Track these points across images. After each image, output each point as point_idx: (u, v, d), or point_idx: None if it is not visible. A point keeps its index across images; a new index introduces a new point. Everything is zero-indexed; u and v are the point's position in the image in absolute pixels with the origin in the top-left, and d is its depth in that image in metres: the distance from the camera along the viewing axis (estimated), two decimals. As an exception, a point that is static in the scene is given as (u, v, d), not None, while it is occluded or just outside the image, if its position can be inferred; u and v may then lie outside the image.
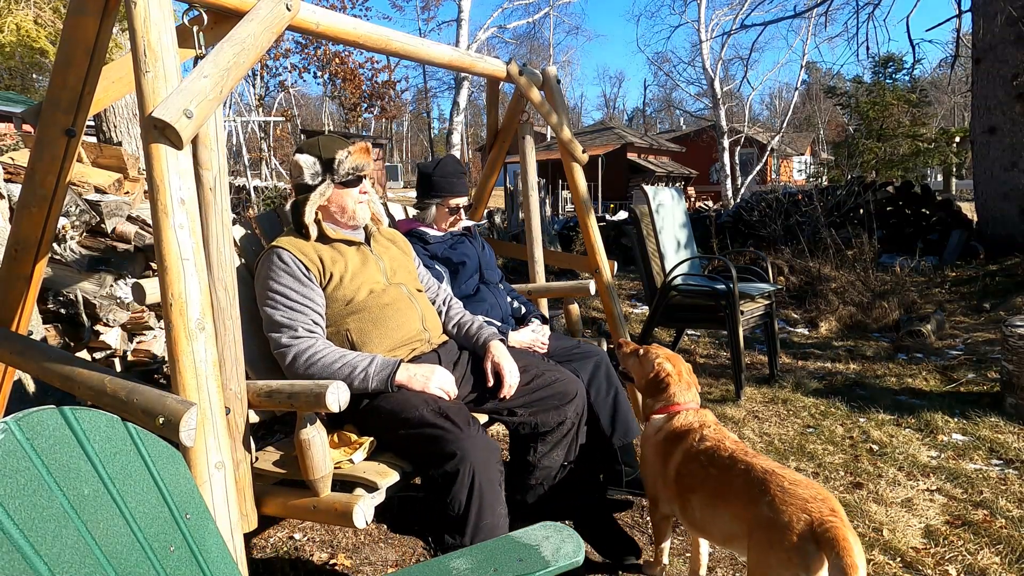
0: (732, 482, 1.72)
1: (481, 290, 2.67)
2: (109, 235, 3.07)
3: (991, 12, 7.60)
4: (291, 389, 1.65)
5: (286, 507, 1.74)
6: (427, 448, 1.80)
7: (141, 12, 1.41)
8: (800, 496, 1.55)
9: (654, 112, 46.53)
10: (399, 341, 2.07)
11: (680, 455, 1.90)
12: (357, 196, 2.10)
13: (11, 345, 1.81)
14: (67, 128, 1.71)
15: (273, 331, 1.94)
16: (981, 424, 3.32)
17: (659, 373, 2.08)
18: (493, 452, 1.79)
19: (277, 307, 1.94)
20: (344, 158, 2.04)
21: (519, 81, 2.84)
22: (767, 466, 1.69)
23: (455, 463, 1.72)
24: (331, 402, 1.57)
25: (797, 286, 6.65)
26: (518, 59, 2.89)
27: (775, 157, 27.88)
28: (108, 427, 0.97)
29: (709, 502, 1.78)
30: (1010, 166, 7.73)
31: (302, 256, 1.99)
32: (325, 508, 1.68)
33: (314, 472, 1.66)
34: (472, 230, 2.80)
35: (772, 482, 1.61)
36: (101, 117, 4.56)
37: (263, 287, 1.98)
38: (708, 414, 2.02)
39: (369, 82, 18.21)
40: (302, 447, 1.64)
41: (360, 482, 1.75)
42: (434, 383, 1.95)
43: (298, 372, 1.90)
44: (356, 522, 1.63)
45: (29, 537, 0.82)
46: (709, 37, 19.85)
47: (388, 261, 2.18)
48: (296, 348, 1.90)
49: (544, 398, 2.12)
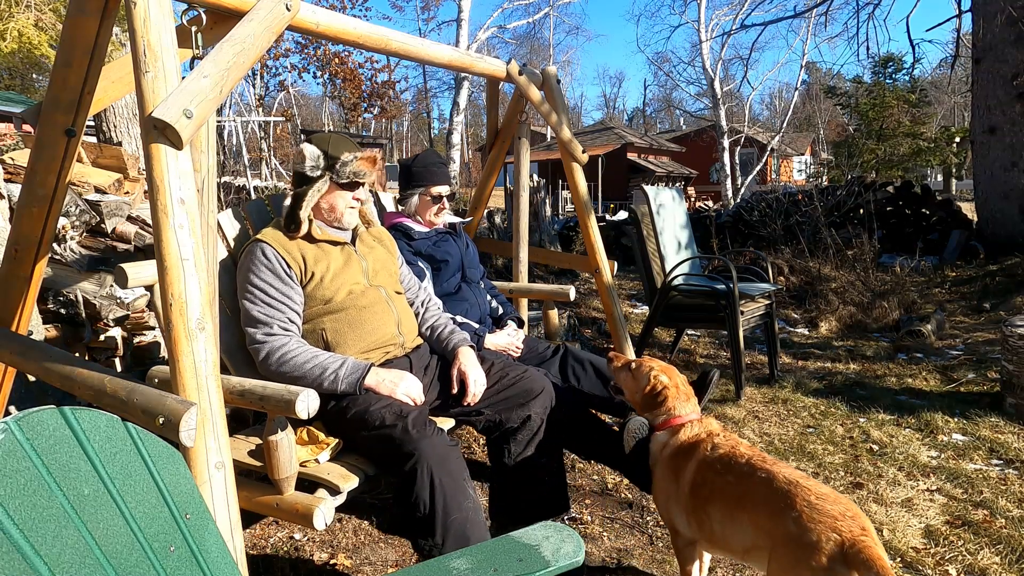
0: (753, 490, 1.62)
1: (463, 288, 2.69)
2: (109, 235, 3.07)
3: (991, 12, 7.60)
4: (263, 391, 1.66)
5: (250, 501, 1.76)
6: (385, 449, 1.82)
7: (141, 12, 1.41)
8: (829, 512, 1.46)
9: (654, 112, 46.54)
10: (373, 344, 2.09)
11: (693, 467, 1.80)
12: (349, 201, 2.12)
13: (11, 345, 1.81)
14: (67, 128, 1.71)
15: (249, 326, 1.97)
16: (981, 424, 3.32)
17: (655, 386, 1.97)
18: (450, 450, 1.81)
19: (255, 302, 1.97)
20: (348, 160, 2.06)
21: (519, 81, 2.84)
22: (790, 475, 1.59)
23: (412, 463, 1.74)
24: (300, 409, 1.59)
25: (797, 286, 6.65)
26: (518, 59, 2.89)
27: (775, 157, 27.87)
28: (108, 427, 0.97)
29: (728, 512, 1.68)
30: (1010, 166, 7.73)
31: (285, 253, 2.01)
32: (287, 507, 1.72)
33: (280, 472, 1.69)
34: (457, 227, 2.81)
35: (798, 495, 1.52)
36: (101, 117, 4.56)
37: (244, 280, 2.00)
38: (713, 422, 1.94)
39: (369, 82, 18.22)
40: (270, 448, 1.67)
41: (323, 483, 1.78)
42: (401, 389, 1.97)
43: (270, 369, 1.93)
44: (316, 524, 1.67)
45: (29, 537, 0.82)
46: (709, 37, 19.85)
47: (371, 262, 2.19)
48: (269, 345, 1.93)
49: (508, 397, 2.13)
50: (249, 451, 1.91)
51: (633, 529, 2.42)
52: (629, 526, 2.44)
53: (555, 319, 3.09)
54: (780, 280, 6.77)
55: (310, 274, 2.04)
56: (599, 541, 2.34)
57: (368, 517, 2.51)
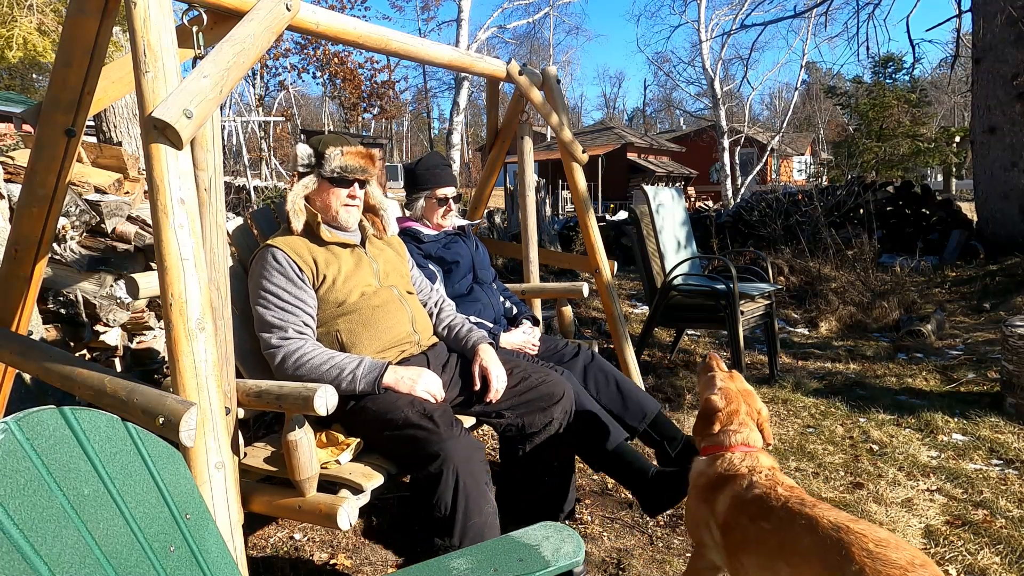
0: (795, 541, 1.40)
1: (475, 290, 2.67)
2: (109, 235, 3.07)
3: (991, 12, 7.60)
4: (280, 391, 1.65)
5: (272, 506, 1.75)
6: (411, 449, 1.81)
7: (141, 12, 1.41)
8: (895, 563, 1.23)
9: (654, 112, 46.53)
10: (388, 343, 2.08)
11: (725, 505, 1.60)
12: (343, 198, 2.09)
13: (11, 345, 1.81)
14: (67, 128, 1.71)
15: (264, 331, 1.95)
16: (981, 424, 3.32)
17: (707, 408, 1.76)
18: (476, 451, 1.80)
19: (269, 307, 1.95)
20: (333, 155, 2.04)
21: (519, 81, 2.84)
22: (836, 519, 1.36)
23: (438, 464, 1.73)
24: (319, 406, 1.58)
25: (797, 286, 6.65)
26: (518, 59, 2.89)
27: (775, 157, 27.87)
28: (108, 427, 0.97)
29: (767, 565, 1.45)
30: (1010, 166, 7.73)
31: (296, 257, 2.00)
32: (310, 509, 1.70)
33: (301, 473, 1.68)
34: (466, 229, 2.80)
35: (853, 544, 1.29)
36: (101, 117, 4.56)
37: (256, 286, 1.99)
38: (764, 457, 1.69)
39: (369, 82, 18.21)
40: (289, 448, 1.65)
41: (345, 483, 1.77)
42: (421, 386, 1.95)
43: (287, 373, 1.91)
44: (340, 524, 1.65)
45: (29, 537, 0.82)
46: (709, 37, 19.85)
47: (382, 264, 2.18)
48: (285, 349, 1.91)
49: (531, 400, 2.12)
50: (265, 458, 1.89)
51: (633, 529, 2.42)
52: (629, 526, 2.44)
53: (569, 316, 3.08)
54: (780, 280, 6.77)
55: (322, 277, 2.03)
56: (599, 541, 2.34)
57: (369, 517, 2.51)
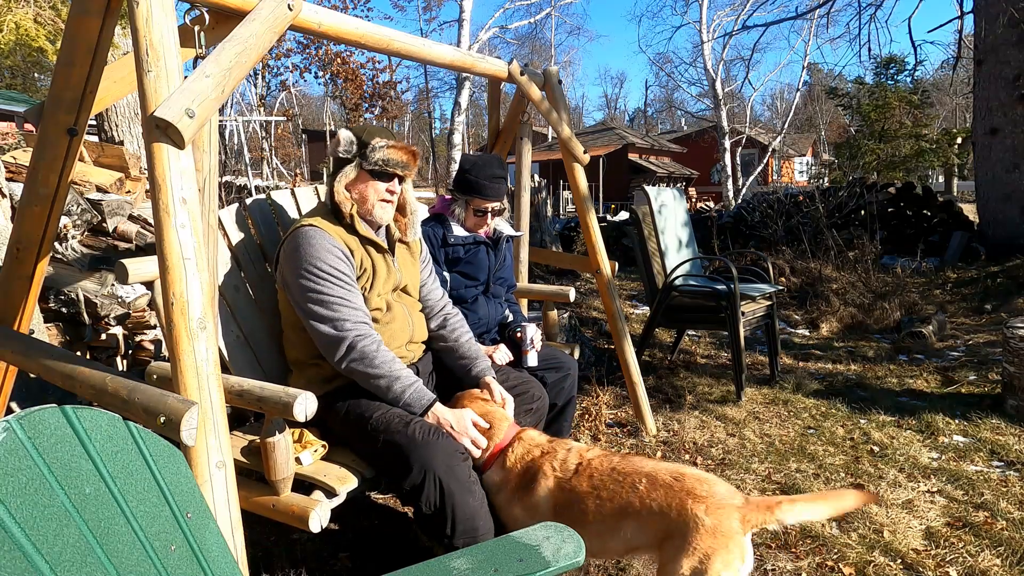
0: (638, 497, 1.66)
1: (479, 300, 2.63)
2: (110, 234, 3.08)
3: (993, 13, 7.59)
4: (261, 392, 1.65)
5: (247, 501, 1.75)
6: (392, 457, 1.80)
7: (143, 12, 1.41)
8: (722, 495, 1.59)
9: (655, 113, 46.45)
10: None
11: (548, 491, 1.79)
12: (382, 192, 2.02)
13: (13, 344, 1.82)
14: (69, 127, 1.71)
15: (323, 311, 1.87)
16: (982, 426, 3.31)
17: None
18: (455, 456, 1.79)
19: (332, 286, 1.88)
20: (379, 145, 1.98)
21: (520, 81, 2.84)
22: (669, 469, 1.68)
23: (419, 473, 1.74)
24: (298, 412, 1.58)
25: (798, 287, 6.65)
26: (520, 59, 2.88)
27: (776, 158, 27.86)
28: (109, 426, 0.97)
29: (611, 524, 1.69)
30: (1012, 167, 7.72)
31: (342, 243, 1.95)
32: (283, 508, 1.72)
33: (277, 473, 1.70)
34: (500, 241, 2.69)
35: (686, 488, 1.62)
36: (103, 116, 4.57)
37: (304, 262, 1.88)
38: (531, 433, 1.95)
39: (370, 82, 18.23)
40: (267, 449, 1.67)
41: (319, 485, 1.77)
42: (466, 440, 1.90)
43: (340, 362, 1.87)
44: (311, 527, 1.67)
45: (30, 536, 0.82)
46: (711, 38, 19.84)
47: (405, 274, 2.16)
48: (349, 339, 1.86)
49: (519, 404, 2.21)
50: (243, 448, 1.90)
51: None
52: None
53: (554, 319, 3.11)
54: (781, 281, 6.77)
55: (362, 270, 1.99)
56: (599, 541, 2.34)
57: (369, 516, 2.51)
